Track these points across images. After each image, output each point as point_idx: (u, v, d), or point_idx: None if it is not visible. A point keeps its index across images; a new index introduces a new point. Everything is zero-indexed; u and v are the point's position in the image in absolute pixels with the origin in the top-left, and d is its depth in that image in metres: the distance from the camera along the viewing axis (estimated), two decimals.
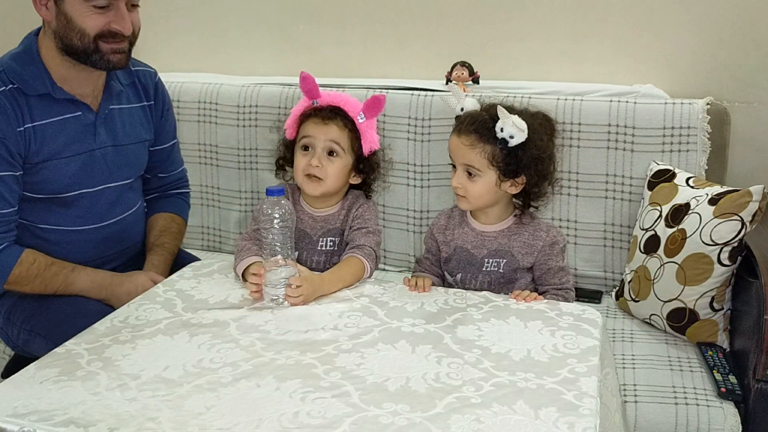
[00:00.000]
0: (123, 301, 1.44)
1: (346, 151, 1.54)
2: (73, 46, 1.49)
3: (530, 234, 1.54)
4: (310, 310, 1.37)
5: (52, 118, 1.53)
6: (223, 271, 1.55)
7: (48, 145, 1.53)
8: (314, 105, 1.55)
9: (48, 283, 1.54)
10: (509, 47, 2.23)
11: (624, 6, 2.11)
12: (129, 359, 1.18)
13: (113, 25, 1.49)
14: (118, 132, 1.65)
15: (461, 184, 1.50)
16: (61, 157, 1.55)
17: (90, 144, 1.59)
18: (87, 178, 1.60)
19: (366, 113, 1.54)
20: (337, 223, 1.60)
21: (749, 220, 1.59)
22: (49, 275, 1.54)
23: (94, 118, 1.60)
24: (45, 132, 1.53)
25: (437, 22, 2.28)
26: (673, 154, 1.92)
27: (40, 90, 1.52)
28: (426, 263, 1.65)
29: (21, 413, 1.02)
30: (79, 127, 1.58)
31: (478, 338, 1.25)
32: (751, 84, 2.05)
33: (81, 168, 1.58)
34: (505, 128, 1.44)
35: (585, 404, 1.05)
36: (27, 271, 1.52)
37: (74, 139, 1.57)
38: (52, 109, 1.54)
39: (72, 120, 1.56)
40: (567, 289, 1.55)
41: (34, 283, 1.53)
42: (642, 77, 2.12)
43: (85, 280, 1.57)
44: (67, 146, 1.56)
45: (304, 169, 1.54)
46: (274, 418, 1.01)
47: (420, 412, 1.03)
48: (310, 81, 1.57)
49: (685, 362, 1.64)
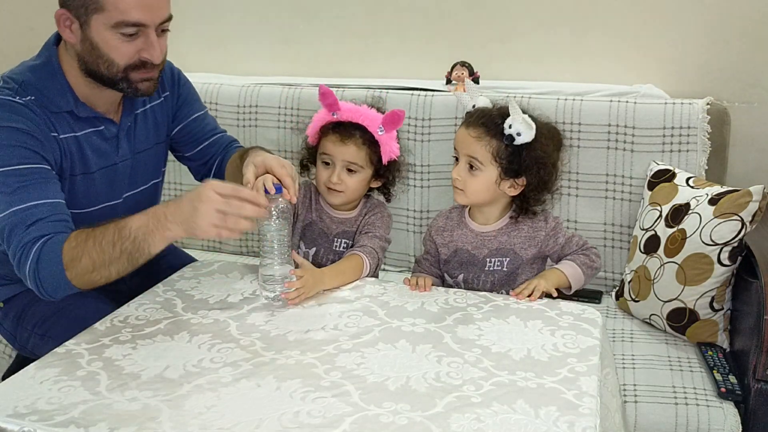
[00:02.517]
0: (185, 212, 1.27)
1: (365, 167, 1.57)
2: (99, 73, 1.40)
3: (529, 227, 1.54)
4: (311, 310, 1.37)
5: (77, 133, 1.45)
6: (223, 271, 1.55)
7: (77, 160, 1.45)
8: (334, 117, 1.56)
9: (102, 239, 1.32)
10: (509, 47, 2.23)
11: (624, 6, 2.11)
12: (129, 359, 1.18)
13: (143, 54, 1.39)
14: (137, 140, 1.58)
15: (461, 176, 1.50)
16: (89, 172, 1.48)
17: (113, 158, 1.52)
18: (110, 192, 1.53)
19: (386, 127, 1.55)
20: (353, 227, 1.63)
21: (749, 220, 1.59)
22: (99, 231, 1.33)
23: (117, 130, 1.52)
24: (70, 147, 1.44)
25: (437, 22, 2.28)
26: (673, 154, 1.92)
27: (63, 107, 1.43)
28: (425, 264, 1.65)
29: (21, 413, 1.02)
30: (102, 142, 1.50)
31: (479, 338, 1.25)
32: (751, 84, 2.05)
33: (105, 183, 1.51)
34: (514, 124, 1.44)
35: (585, 403, 1.05)
36: (76, 241, 1.32)
37: (98, 155, 1.49)
38: (76, 125, 1.45)
39: (95, 135, 1.48)
40: (588, 247, 1.56)
41: (88, 246, 1.31)
42: (642, 77, 2.12)
43: (138, 216, 1.34)
44: (92, 162, 1.48)
45: (325, 182, 1.58)
46: (274, 417, 1.01)
47: (420, 412, 1.03)
48: (330, 96, 1.55)
49: (685, 362, 1.64)
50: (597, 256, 1.57)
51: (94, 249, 1.31)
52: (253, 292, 1.43)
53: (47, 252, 1.31)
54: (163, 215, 1.30)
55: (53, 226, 1.34)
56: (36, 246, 1.31)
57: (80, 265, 1.31)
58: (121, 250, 1.30)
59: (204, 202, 1.24)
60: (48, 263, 1.31)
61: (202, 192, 1.25)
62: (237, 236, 1.28)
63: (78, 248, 1.31)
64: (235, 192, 1.26)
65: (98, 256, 1.31)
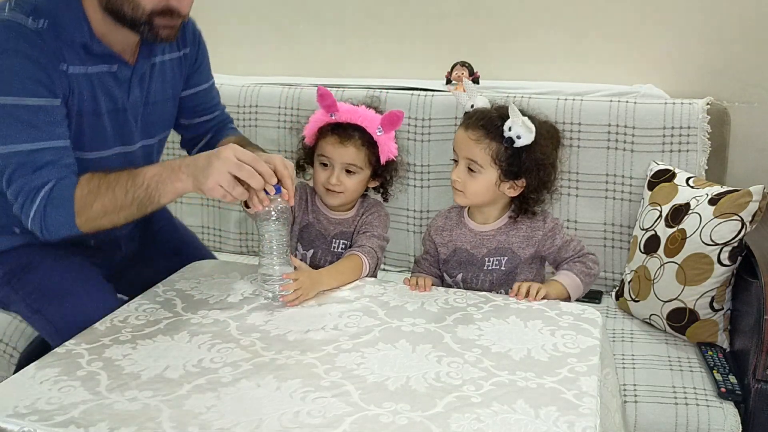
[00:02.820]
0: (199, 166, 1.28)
1: (364, 168, 1.57)
2: (121, 12, 1.35)
3: (528, 226, 1.54)
4: (311, 310, 1.37)
5: (88, 70, 1.39)
6: (224, 271, 1.55)
7: (85, 97, 1.40)
8: (332, 118, 1.55)
9: (115, 185, 1.32)
10: (509, 47, 2.23)
11: (624, 6, 2.11)
12: (129, 359, 1.18)
13: (173, 2, 1.35)
14: (150, 89, 1.53)
15: (460, 178, 1.50)
16: (98, 113, 1.43)
17: (123, 102, 1.47)
18: (122, 137, 1.49)
19: (384, 127, 1.54)
20: (351, 227, 1.63)
21: (749, 220, 1.59)
22: (112, 178, 1.33)
23: (130, 74, 1.46)
24: (79, 84, 1.38)
25: (437, 22, 2.28)
26: (673, 154, 1.92)
27: (77, 39, 1.36)
28: (424, 264, 1.65)
29: (21, 413, 1.02)
30: (114, 83, 1.45)
31: (479, 337, 1.25)
32: (751, 84, 2.05)
33: (115, 127, 1.47)
34: (514, 127, 1.44)
35: (585, 403, 1.05)
36: (89, 188, 1.32)
37: (108, 97, 1.44)
38: (88, 60, 1.39)
39: (107, 74, 1.43)
40: (585, 254, 1.55)
41: (100, 192, 1.32)
42: (642, 77, 2.12)
43: (153, 166, 1.35)
44: (102, 104, 1.43)
45: (324, 183, 1.57)
46: (274, 417, 1.01)
47: (420, 412, 1.03)
48: (328, 97, 1.53)
49: (685, 362, 1.64)
50: (595, 262, 1.56)
51: (106, 195, 1.32)
52: (253, 292, 1.43)
53: (56, 198, 1.31)
54: (177, 166, 1.31)
55: (60, 170, 1.33)
56: (44, 191, 1.30)
57: (91, 211, 1.32)
58: (132, 198, 1.31)
59: (221, 160, 1.25)
60: (57, 209, 1.31)
61: (222, 151, 1.26)
62: (234, 201, 1.29)
63: (90, 195, 1.31)
64: (253, 162, 1.27)
65: (110, 202, 1.31)
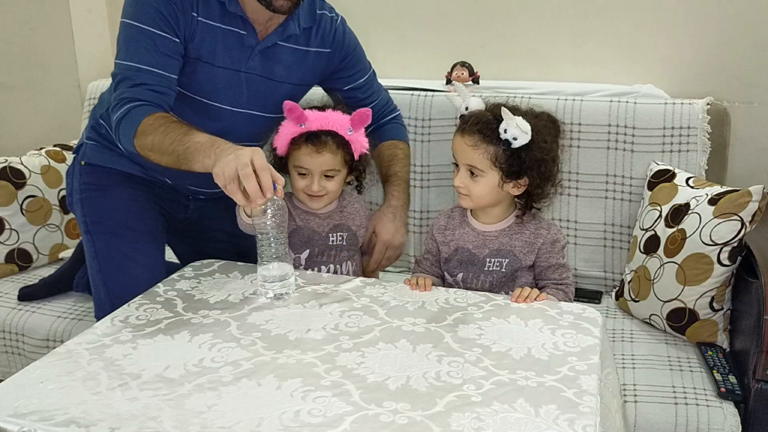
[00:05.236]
0: (225, 152, 1.33)
1: (342, 168, 1.59)
2: None
3: (531, 232, 1.54)
4: (311, 309, 1.37)
5: (217, 23, 1.55)
6: (224, 270, 1.56)
7: (205, 46, 1.55)
8: (302, 128, 1.54)
9: (170, 131, 1.43)
10: (509, 47, 2.23)
11: (624, 6, 2.12)
12: (130, 359, 1.18)
13: None
14: (273, 67, 1.65)
15: (464, 183, 1.50)
16: (213, 64, 1.57)
17: (242, 64, 1.60)
18: (232, 97, 1.62)
19: (354, 127, 1.56)
20: (340, 220, 1.66)
21: (749, 220, 1.59)
22: (173, 126, 1.45)
23: (255, 43, 1.60)
24: (206, 32, 1.55)
25: (437, 22, 2.28)
26: (673, 154, 1.92)
27: None
28: (426, 264, 1.65)
29: (21, 413, 1.02)
30: (238, 44, 1.59)
31: (479, 337, 1.25)
32: (751, 84, 2.05)
33: (227, 83, 1.60)
34: (509, 130, 1.44)
35: (585, 402, 1.05)
36: (154, 120, 1.46)
37: (229, 53, 1.58)
38: (220, 17, 1.55)
39: (234, 35, 1.58)
40: (567, 284, 1.54)
41: (158, 131, 1.44)
42: (642, 77, 2.13)
43: (205, 135, 1.42)
44: (222, 56, 1.57)
45: (304, 189, 1.59)
46: (275, 416, 1.01)
47: (421, 411, 1.03)
48: (296, 109, 1.53)
49: (685, 362, 1.64)
50: (573, 295, 1.55)
51: (159, 135, 1.43)
52: (254, 291, 1.44)
53: (131, 116, 1.47)
54: (217, 145, 1.36)
55: (151, 95, 1.49)
56: (127, 105, 1.48)
57: (145, 140, 1.45)
58: (173, 150, 1.41)
59: (238, 156, 1.28)
60: (127, 125, 1.47)
61: (248, 150, 1.30)
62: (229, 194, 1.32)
63: (151, 127, 1.45)
64: (261, 171, 1.28)
65: (159, 143, 1.43)
